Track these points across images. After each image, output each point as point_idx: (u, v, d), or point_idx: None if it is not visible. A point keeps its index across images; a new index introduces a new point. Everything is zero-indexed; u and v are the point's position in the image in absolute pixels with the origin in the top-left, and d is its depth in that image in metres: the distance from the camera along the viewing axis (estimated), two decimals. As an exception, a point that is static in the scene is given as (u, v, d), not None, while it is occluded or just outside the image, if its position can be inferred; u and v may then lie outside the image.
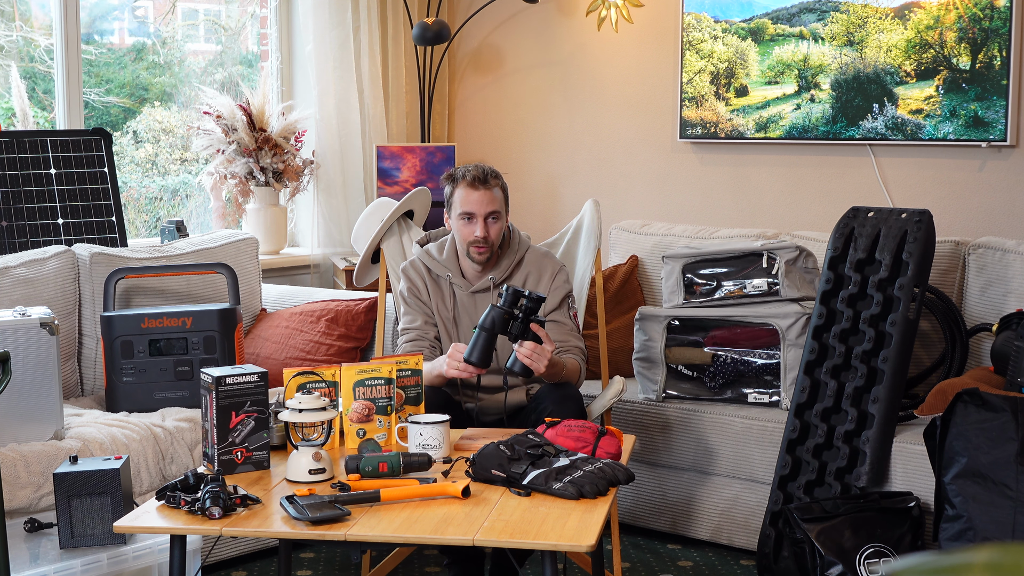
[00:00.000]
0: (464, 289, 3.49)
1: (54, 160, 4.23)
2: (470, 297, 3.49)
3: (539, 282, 3.49)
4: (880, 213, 3.73)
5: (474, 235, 3.41)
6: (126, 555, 2.92)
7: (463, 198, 3.43)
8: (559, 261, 3.57)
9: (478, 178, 3.42)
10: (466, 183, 3.42)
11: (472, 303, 3.49)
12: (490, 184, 3.43)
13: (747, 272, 3.98)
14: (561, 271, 3.54)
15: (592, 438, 2.84)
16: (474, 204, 3.41)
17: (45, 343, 3.35)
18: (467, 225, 3.43)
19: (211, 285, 4.19)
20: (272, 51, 5.30)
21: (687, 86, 4.88)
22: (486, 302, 3.45)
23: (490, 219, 3.42)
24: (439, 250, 3.55)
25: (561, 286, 3.51)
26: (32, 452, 3.26)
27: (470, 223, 3.42)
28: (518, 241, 3.56)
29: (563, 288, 3.51)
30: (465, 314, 3.49)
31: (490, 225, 3.42)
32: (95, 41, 4.96)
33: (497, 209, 3.43)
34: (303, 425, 2.71)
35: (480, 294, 3.49)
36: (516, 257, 3.52)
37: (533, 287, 3.48)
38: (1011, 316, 3.65)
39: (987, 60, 4.24)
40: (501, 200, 3.46)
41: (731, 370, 3.93)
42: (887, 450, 3.55)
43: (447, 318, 3.50)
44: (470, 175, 3.43)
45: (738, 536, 3.86)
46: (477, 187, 3.41)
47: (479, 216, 3.41)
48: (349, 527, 2.40)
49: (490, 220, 3.42)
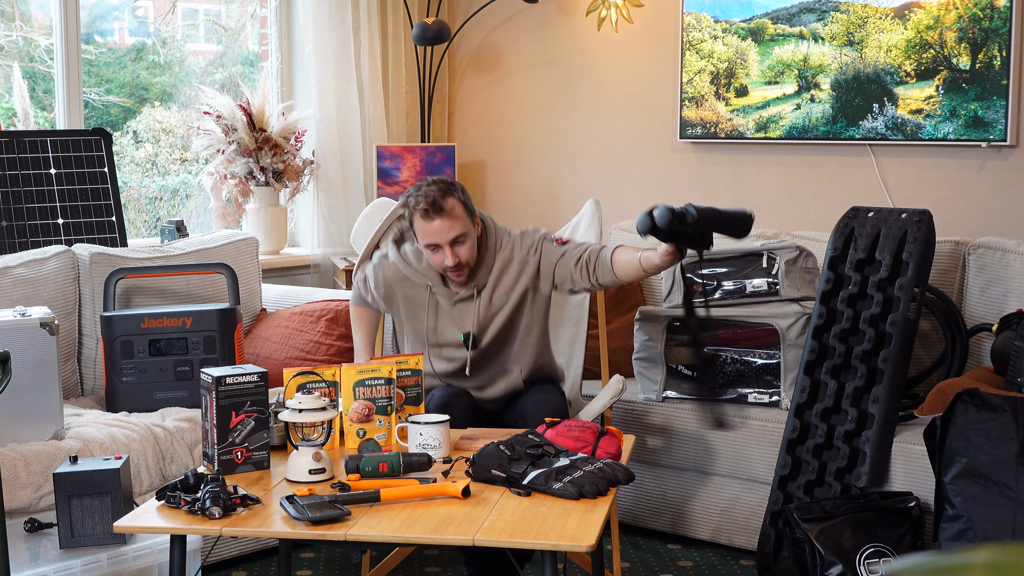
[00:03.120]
0: (447, 299, 3.35)
1: (54, 160, 4.23)
2: (453, 307, 3.36)
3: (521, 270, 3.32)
4: (880, 213, 3.73)
5: (444, 264, 3.23)
6: (126, 555, 2.92)
7: (421, 230, 3.21)
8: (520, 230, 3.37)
9: (430, 207, 3.17)
10: (419, 214, 3.19)
11: (457, 312, 3.36)
12: (445, 209, 3.17)
13: (747, 272, 3.98)
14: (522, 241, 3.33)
15: (592, 438, 2.84)
16: (435, 235, 3.19)
17: (45, 343, 3.35)
18: (435, 254, 3.24)
19: (211, 285, 4.19)
20: (272, 51, 5.30)
21: (687, 86, 4.88)
22: (470, 310, 3.33)
23: (456, 244, 3.21)
24: (417, 257, 3.36)
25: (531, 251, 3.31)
26: (32, 452, 3.26)
27: (437, 252, 3.23)
28: (494, 238, 3.34)
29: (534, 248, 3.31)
30: (450, 322, 3.36)
31: (459, 250, 3.22)
32: (95, 41, 4.96)
33: (460, 231, 3.19)
34: (303, 425, 2.71)
35: (463, 303, 3.35)
36: (493, 257, 3.33)
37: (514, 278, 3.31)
38: (1011, 316, 3.65)
39: (987, 60, 4.24)
40: (462, 217, 3.20)
41: (731, 370, 3.93)
42: (887, 450, 3.55)
43: (429, 328, 3.37)
44: (421, 204, 3.18)
45: (738, 536, 3.86)
46: (431, 217, 3.17)
47: (443, 245, 3.20)
48: (349, 527, 2.40)
49: (457, 245, 3.21)
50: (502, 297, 3.34)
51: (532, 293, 3.35)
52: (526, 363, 3.40)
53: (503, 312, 3.35)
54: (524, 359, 3.40)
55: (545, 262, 3.31)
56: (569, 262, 3.25)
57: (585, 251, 3.24)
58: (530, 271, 3.32)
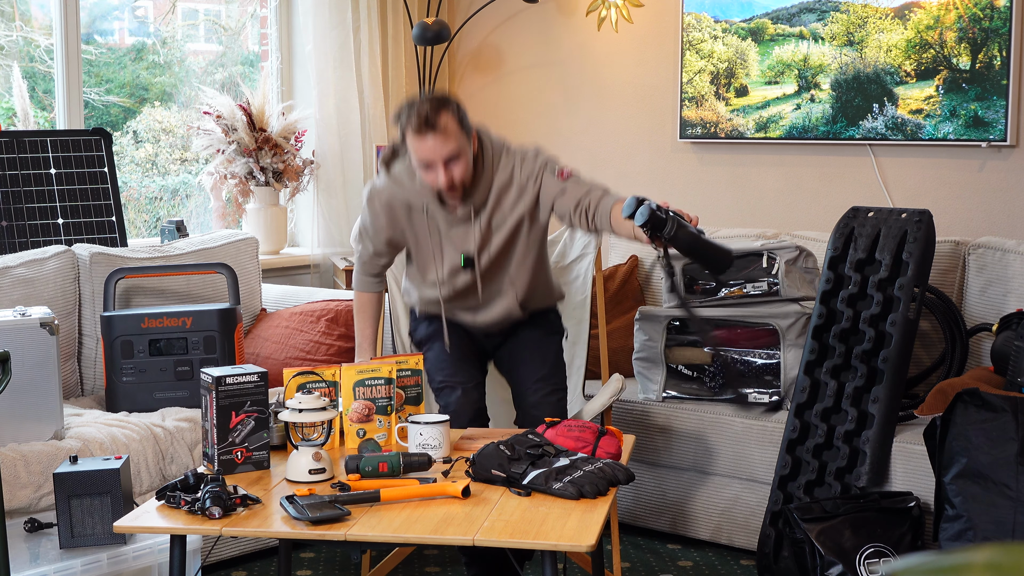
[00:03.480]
0: (444, 218, 3.22)
1: (54, 160, 4.23)
2: (451, 227, 3.23)
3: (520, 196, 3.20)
4: (880, 213, 3.73)
5: (438, 183, 3.09)
6: (126, 555, 2.92)
7: (414, 148, 3.06)
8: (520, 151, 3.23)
9: (423, 123, 3.01)
10: (412, 131, 3.03)
11: (456, 233, 3.23)
12: (438, 126, 3.01)
13: (747, 272, 3.98)
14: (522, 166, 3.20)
15: (592, 438, 2.84)
16: (428, 152, 3.04)
17: (45, 343, 3.35)
18: (428, 172, 3.09)
19: (211, 285, 4.19)
20: (272, 51, 5.30)
21: (687, 86, 4.88)
22: (468, 231, 3.21)
23: (451, 162, 3.06)
24: (409, 176, 3.21)
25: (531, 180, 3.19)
26: (32, 452, 3.26)
27: (430, 170, 3.08)
28: (491, 155, 3.19)
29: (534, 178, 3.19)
30: (450, 244, 3.25)
31: (453, 168, 3.07)
32: (95, 41, 4.96)
33: (454, 149, 3.04)
34: (303, 425, 2.71)
35: (461, 225, 3.23)
36: (491, 176, 3.19)
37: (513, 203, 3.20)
38: (1011, 316, 3.65)
39: (987, 60, 4.24)
40: (456, 133, 3.04)
41: (731, 370, 3.93)
42: (887, 450, 3.55)
43: (434, 245, 3.25)
44: (414, 120, 3.02)
45: (738, 536, 3.86)
46: (424, 133, 3.01)
47: (437, 163, 3.06)
48: (349, 527, 2.40)
49: (451, 164, 3.07)
50: (500, 220, 3.23)
51: (529, 220, 3.24)
52: (522, 286, 3.32)
53: (500, 234, 3.24)
54: (520, 282, 3.31)
55: (544, 194, 3.19)
56: (569, 202, 3.13)
57: (586, 196, 3.10)
58: (528, 199, 3.21)
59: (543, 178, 3.18)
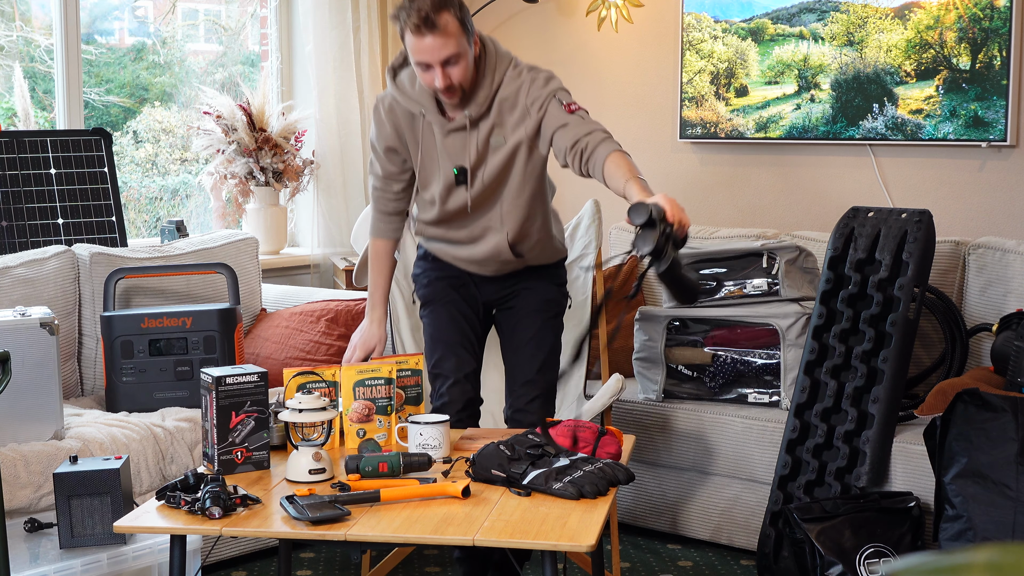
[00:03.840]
0: (441, 128, 3.08)
1: (54, 160, 4.23)
2: (447, 137, 3.09)
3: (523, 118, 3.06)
4: (880, 213, 3.74)
5: (435, 85, 2.97)
6: (126, 555, 2.92)
7: (412, 46, 2.94)
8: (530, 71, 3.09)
9: (422, 21, 2.89)
10: (410, 29, 2.91)
11: (452, 143, 3.10)
12: (438, 25, 2.89)
13: (747, 272, 3.99)
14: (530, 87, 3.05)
15: (592, 438, 2.83)
16: (425, 53, 2.92)
17: (45, 343, 3.35)
18: (425, 73, 2.97)
19: (211, 285, 4.19)
20: (272, 51, 5.30)
21: (687, 86, 4.88)
22: (463, 142, 3.08)
23: (449, 64, 2.94)
24: (411, 81, 3.10)
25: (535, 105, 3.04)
26: (32, 452, 3.26)
27: (428, 72, 2.96)
28: (494, 62, 3.06)
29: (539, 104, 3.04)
30: (446, 156, 3.12)
31: (451, 71, 2.95)
32: (95, 41, 4.96)
33: (453, 51, 2.92)
34: (303, 425, 2.71)
35: (456, 133, 3.09)
36: (494, 86, 3.06)
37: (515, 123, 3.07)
38: (1011, 316, 3.65)
39: (987, 60, 4.24)
40: (457, 34, 2.92)
41: (731, 370, 3.93)
42: (887, 450, 3.55)
43: (432, 159, 3.14)
44: (413, 18, 2.90)
45: (738, 536, 3.86)
46: (423, 33, 2.89)
47: (435, 64, 2.94)
48: (349, 527, 2.40)
49: (449, 65, 2.94)
50: (499, 139, 3.10)
51: (528, 149, 3.11)
52: (513, 224, 3.18)
53: (497, 156, 3.10)
54: (512, 219, 3.17)
55: (546, 124, 3.05)
56: (567, 139, 2.99)
57: (586, 137, 2.97)
58: (530, 125, 3.08)
59: (549, 107, 3.04)
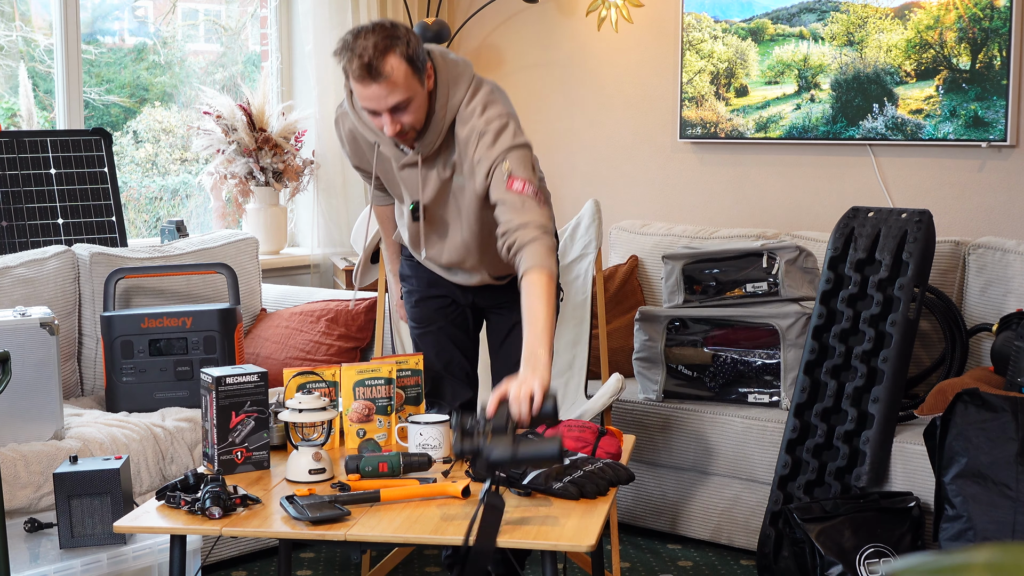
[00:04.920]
0: (396, 160, 2.91)
1: (54, 160, 4.23)
2: (402, 170, 2.92)
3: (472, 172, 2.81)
4: (880, 213, 3.74)
5: (384, 130, 2.77)
6: (126, 555, 2.92)
7: (357, 92, 2.72)
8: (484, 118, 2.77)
9: (365, 70, 2.65)
10: (353, 77, 2.69)
11: (407, 176, 2.92)
12: (383, 72, 2.65)
13: (747, 272, 3.99)
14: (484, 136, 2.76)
15: (592, 438, 2.83)
16: (371, 102, 2.71)
17: (45, 343, 3.35)
18: (374, 118, 2.78)
19: (211, 285, 4.19)
20: (272, 51, 5.30)
21: (687, 86, 4.88)
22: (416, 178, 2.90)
23: (398, 111, 2.72)
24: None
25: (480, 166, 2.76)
26: (32, 452, 3.26)
27: (377, 117, 2.76)
28: (445, 98, 2.79)
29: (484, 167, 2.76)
30: (403, 187, 2.96)
31: (401, 116, 2.73)
32: (96, 41, 4.96)
33: (401, 98, 2.69)
34: (303, 425, 2.71)
35: (409, 169, 2.91)
36: (444, 125, 2.81)
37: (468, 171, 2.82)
38: (1011, 316, 3.65)
39: (987, 60, 4.24)
40: (404, 79, 2.67)
41: (731, 370, 3.93)
42: (887, 450, 3.55)
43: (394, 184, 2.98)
44: (355, 66, 2.66)
45: (738, 536, 3.86)
46: (367, 82, 2.67)
47: (382, 111, 2.73)
48: (349, 527, 2.40)
49: (398, 112, 2.72)
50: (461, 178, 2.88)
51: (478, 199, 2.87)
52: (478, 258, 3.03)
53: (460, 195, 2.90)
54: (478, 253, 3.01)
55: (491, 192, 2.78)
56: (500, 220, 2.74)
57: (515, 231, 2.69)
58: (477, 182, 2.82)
59: (493, 176, 2.76)
